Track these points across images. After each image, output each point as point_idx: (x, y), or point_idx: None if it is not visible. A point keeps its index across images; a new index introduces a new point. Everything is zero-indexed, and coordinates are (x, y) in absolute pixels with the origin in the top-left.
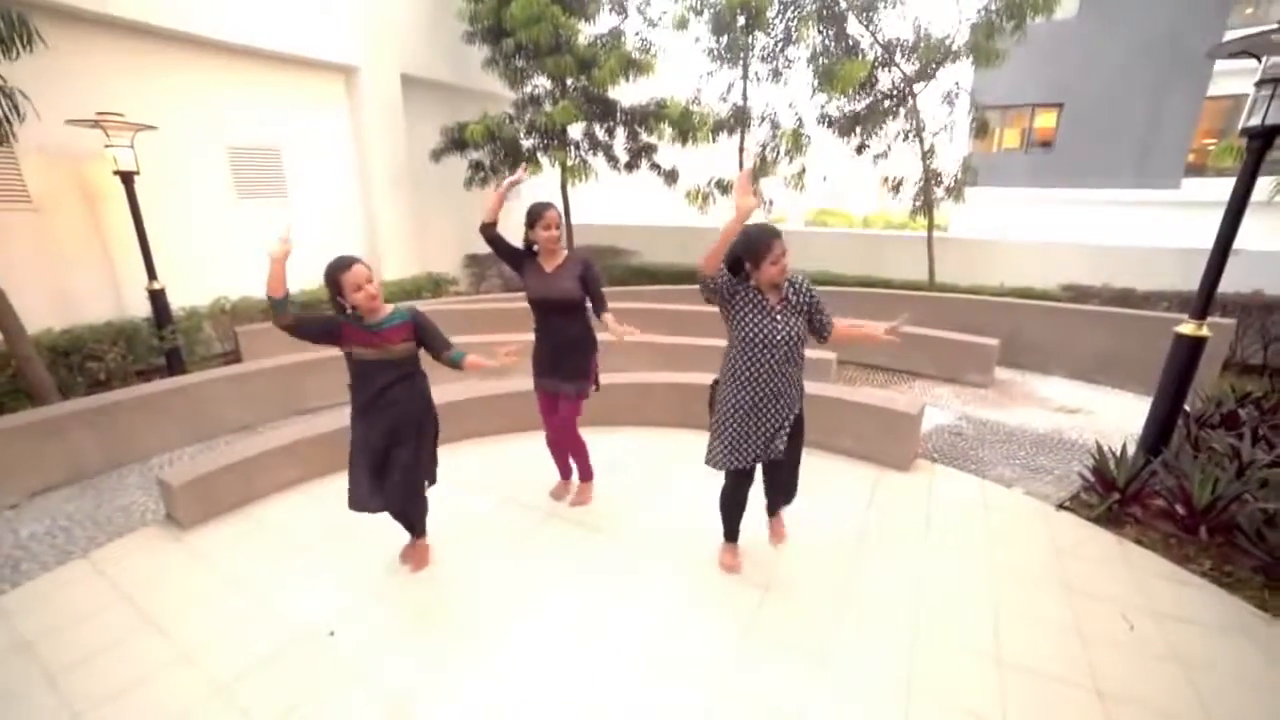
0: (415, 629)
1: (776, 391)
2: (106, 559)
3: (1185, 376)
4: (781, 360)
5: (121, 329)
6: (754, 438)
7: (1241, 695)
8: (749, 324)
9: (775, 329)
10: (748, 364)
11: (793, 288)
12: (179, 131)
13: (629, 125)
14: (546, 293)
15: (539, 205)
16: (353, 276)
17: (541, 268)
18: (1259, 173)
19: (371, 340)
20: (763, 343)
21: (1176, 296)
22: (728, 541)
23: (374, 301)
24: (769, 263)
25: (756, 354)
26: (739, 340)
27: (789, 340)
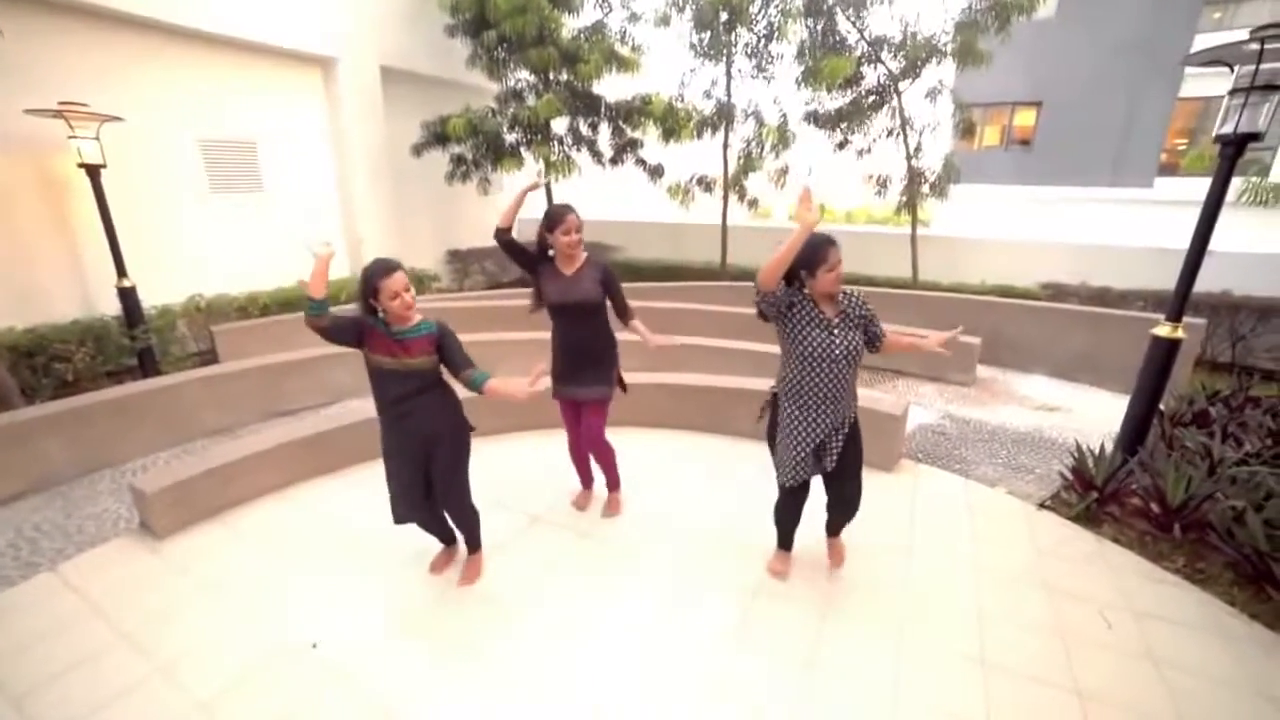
0: (402, 639)
1: (834, 404)
2: (76, 572)
3: (1161, 377)
4: (840, 373)
5: (89, 328)
6: (812, 450)
7: (1212, 694)
8: (807, 338)
9: (834, 343)
10: (807, 378)
11: (848, 300)
12: (148, 123)
13: (613, 120)
14: (566, 296)
15: (559, 208)
16: (392, 283)
17: (560, 271)
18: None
19: (392, 348)
20: (821, 357)
21: (1152, 295)
22: (780, 549)
23: (409, 311)
24: (825, 270)
25: (815, 368)
26: (798, 355)
27: (847, 355)
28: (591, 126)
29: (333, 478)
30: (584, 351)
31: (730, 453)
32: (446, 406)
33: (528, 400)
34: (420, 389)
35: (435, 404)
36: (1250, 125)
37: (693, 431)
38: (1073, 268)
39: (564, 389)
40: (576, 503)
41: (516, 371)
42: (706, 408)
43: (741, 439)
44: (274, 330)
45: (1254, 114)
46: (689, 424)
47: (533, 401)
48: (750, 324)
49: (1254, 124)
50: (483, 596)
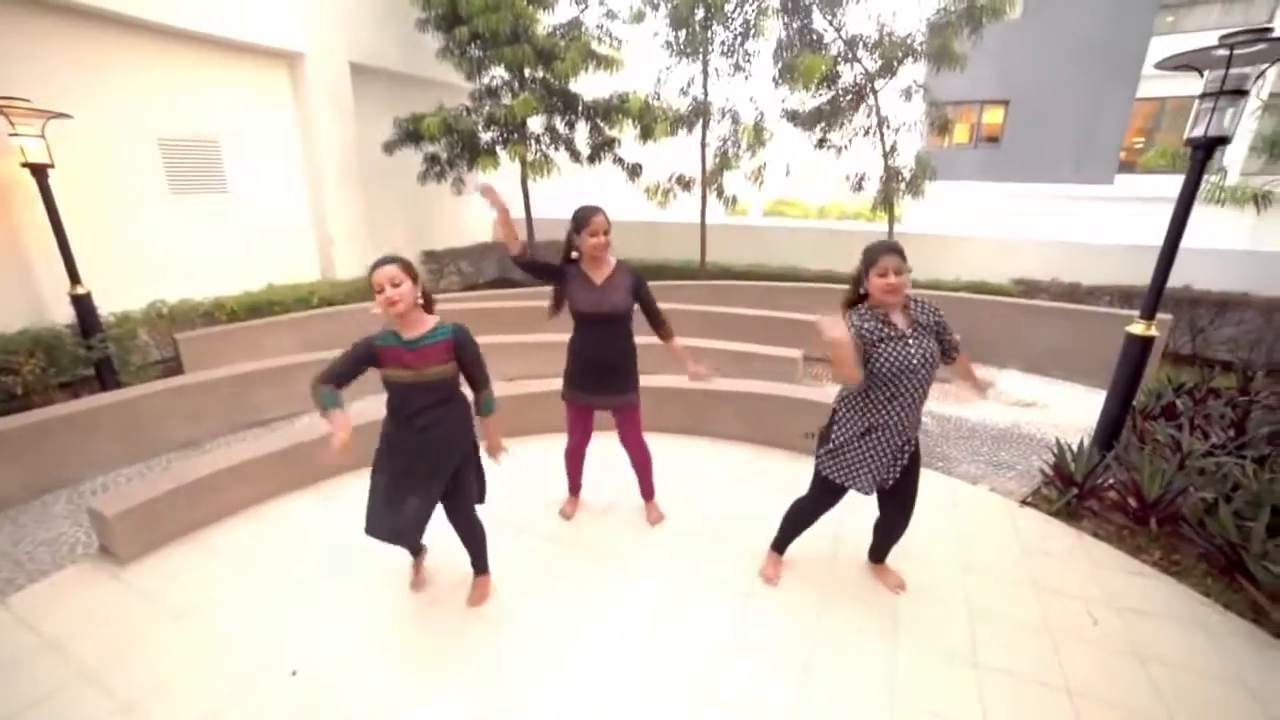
0: (386, 661)
1: (905, 422)
2: (29, 604)
3: (1135, 374)
4: (918, 387)
5: (39, 338)
6: (875, 464)
7: (1195, 687)
8: (882, 354)
9: (910, 354)
10: (881, 394)
11: (919, 307)
12: (101, 120)
13: (591, 119)
14: (598, 306)
15: (586, 209)
16: (376, 277)
17: (589, 278)
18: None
19: (405, 359)
20: (899, 371)
21: (1118, 290)
22: (774, 551)
23: (394, 307)
24: (876, 273)
25: (892, 384)
26: (873, 373)
27: (925, 364)
28: (568, 125)
29: (307, 492)
30: (610, 361)
31: (713, 455)
32: (467, 419)
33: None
34: (442, 399)
35: (457, 415)
36: (1219, 129)
37: (673, 434)
38: (1043, 264)
39: (582, 395)
40: (563, 511)
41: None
42: (687, 410)
43: (724, 441)
44: (242, 336)
45: (1223, 118)
46: (670, 426)
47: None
48: (732, 323)
49: (1223, 128)
50: (469, 613)
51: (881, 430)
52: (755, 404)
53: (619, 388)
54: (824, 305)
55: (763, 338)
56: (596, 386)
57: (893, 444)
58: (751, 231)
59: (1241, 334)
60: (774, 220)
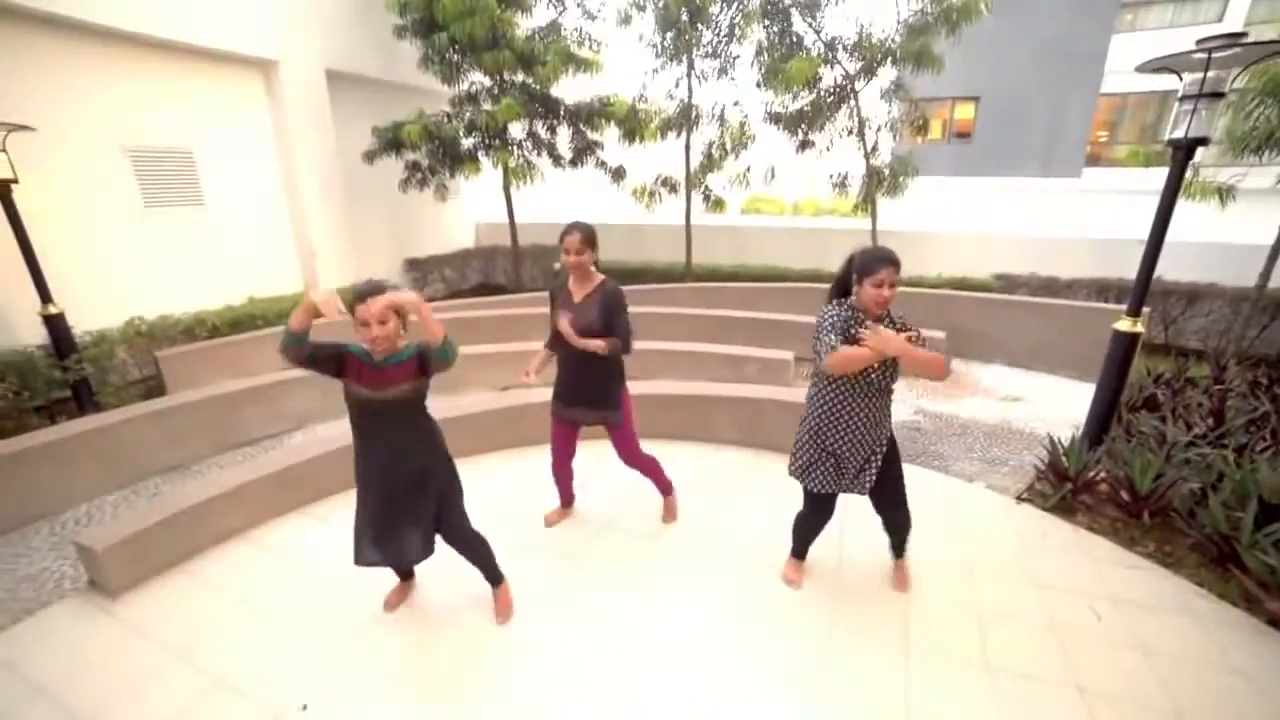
0: (398, 693)
1: (868, 424)
2: (15, 646)
3: (1123, 369)
4: (876, 394)
5: (10, 361)
6: (836, 466)
7: (1197, 676)
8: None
9: (870, 366)
10: (838, 400)
11: (893, 325)
12: (67, 133)
13: (573, 123)
14: (570, 324)
15: (565, 229)
16: (361, 310)
17: (570, 295)
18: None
19: (365, 376)
20: (857, 380)
21: (1094, 284)
22: (794, 557)
23: (378, 344)
24: (872, 284)
25: (850, 391)
26: (836, 383)
27: (883, 379)
28: (550, 129)
29: (301, 515)
30: (588, 378)
31: (712, 460)
32: (433, 436)
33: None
34: (404, 421)
35: (421, 436)
36: (1200, 130)
37: (669, 440)
38: (1021, 258)
39: (563, 410)
40: (548, 518)
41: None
42: (682, 415)
43: (722, 446)
44: (224, 353)
45: (1202, 119)
46: (665, 433)
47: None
48: (721, 326)
49: (1203, 129)
50: (476, 639)
51: (833, 429)
52: (750, 408)
53: (599, 404)
54: (811, 306)
55: (753, 340)
56: (576, 401)
57: (849, 442)
58: (734, 232)
59: (1211, 324)
60: (756, 220)
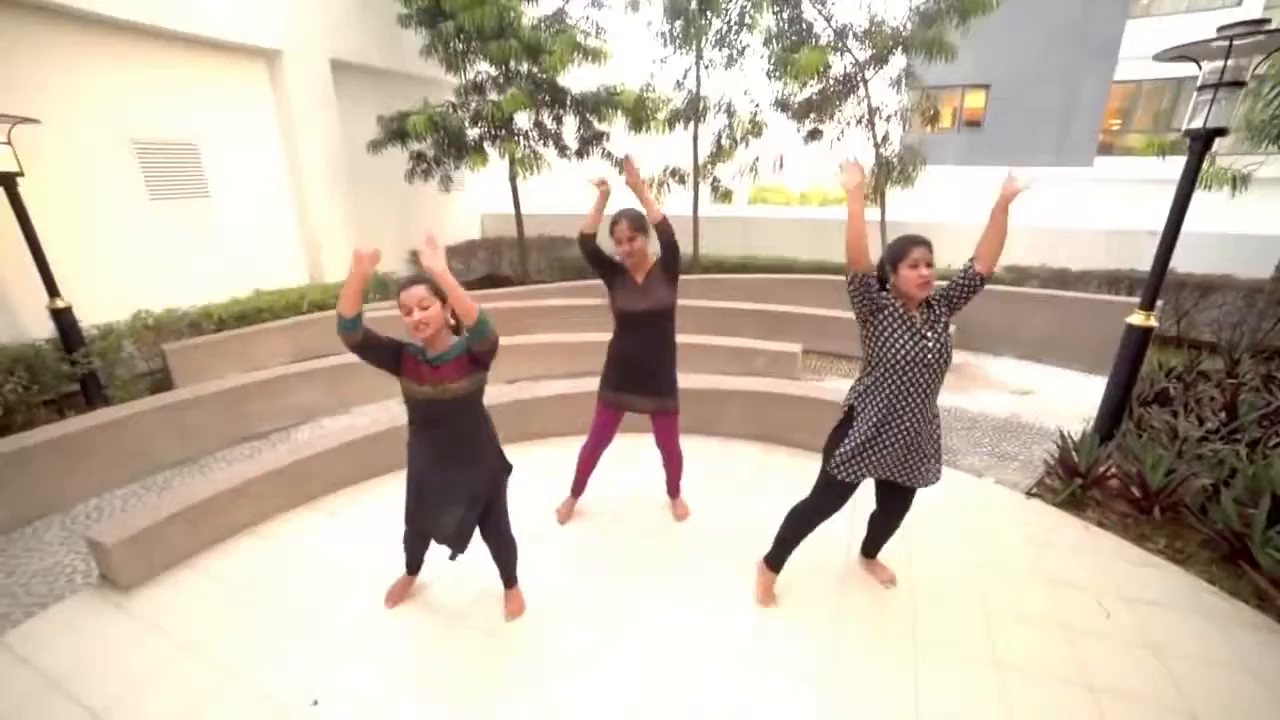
0: (408, 689)
1: (921, 408)
2: (29, 640)
3: (1135, 363)
4: (933, 380)
5: (19, 355)
6: (891, 455)
7: (1209, 675)
8: (896, 343)
9: (926, 347)
10: (896, 386)
11: (931, 305)
12: (72, 125)
13: (580, 113)
14: (632, 305)
15: (613, 216)
16: (405, 297)
17: (631, 278)
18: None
19: (423, 374)
20: (913, 363)
21: (1106, 275)
22: (769, 569)
23: (423, 331)
24: (907, 266)
25: (907, 375)
26: (885, 361)
27: (940, 358)
28: (557, 119)
29: (309, 509)
30: (648, 363)
31: (721, 454)
32: (489, 432)
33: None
34: (461, 419)
35: (478, 432)
36: (1219, 120)
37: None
38: (1031, 249)
39: (616, 395)
40: (559, 513)
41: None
42: (691, 409)
43: (730, 439)
44: (231, 346)
45: (1222, 109)
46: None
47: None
48: (730, 319)
49: (1222, 119)
50: (487, 635)
51: (897, 420)
52: (759, 403)
53: (657, 390)
54: (819, 298)
55: (760, 332)
56: (634, 388)
57: (908, 434)
58: (741, 223)
59: (1224, 316)
60: (763, 210)
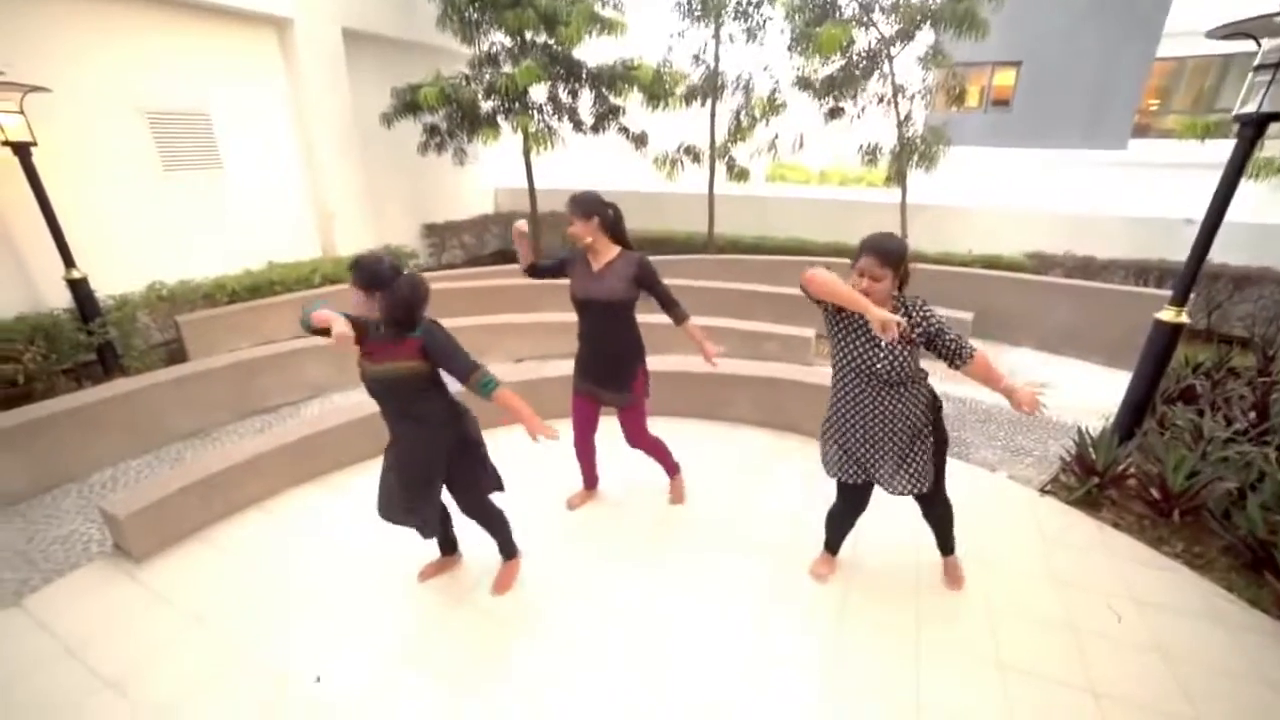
0: (410, 668)
1: (882, 419)
2: (46, 606)
3: (1162, 361)
4: (884, 389)
5: (38, 324)
6: (858, 459)
7: (1223, 687)
8: (849, 349)
9: (877, 358)
10: (847, 390)
11: (905, 311)
12: (83, 94)
13: (595, 87)
14: (587, 293)
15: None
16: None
17: (588, 265)
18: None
19: (369, 348)
20: (860, 372)
21: (1133, 265)
22: (826, 551)
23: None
24: (854, 272)
25: (854, 381)
26: (838, 365)
27: (890, 371)
28: (572, 93)
29: (316, 485)
30: (604, 353)
31: (730, 441)
32: (450, 414)
33: (538, 435)
34: (415, 397)
35: (438, 412)
36: (1276, 104)
37: (687, 419)
38: (1056, 236)
39: (584, 385)
40: (570, 502)
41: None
42: (700, 394)
43: (740, 425)
44: (244, 319)
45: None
46: (683, 411)
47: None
48: (741, 300)
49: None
50: (492, 617)
51: (849, 423)
52: (770, 389)
53: (615, 384)
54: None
55: (773, 315)
56: (595, 377)
57: (862, 439)
58: (757, 202)
59: (1259, 310)
60: (780, 189)
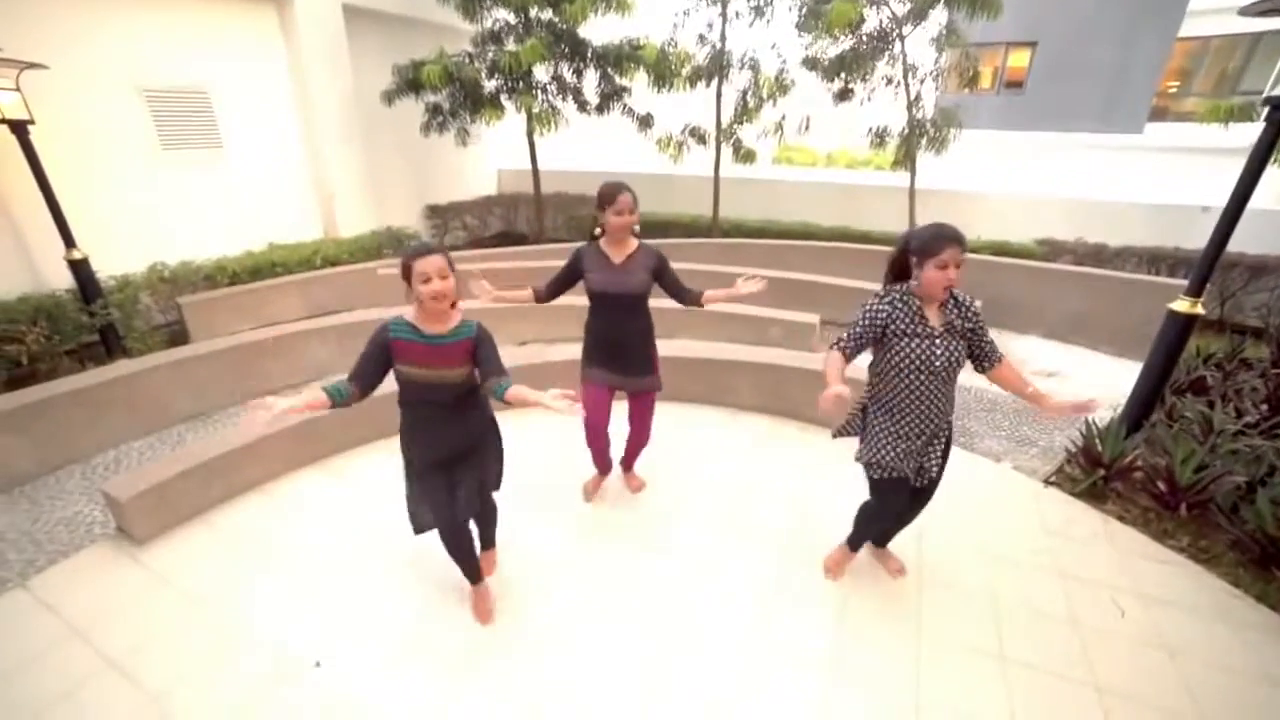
0: (409, 655)
1: (932, 417)
2: (50, 587)
3: (1174, 352)
4: (941, 384)
5: (40, 305)
6: (915, 453)
7: (1226, 683)
8: (904, 348)
9: (934, 354)
10: (902, 391)
11: (958, 309)
12: (80, 72)
13: (600, 66)
14: (610, 286)
15: (612, 186)
16: (423, 265)
17: (607, 257)
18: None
19: (423, 357)
20: (919, 368)
21: (1146, 253)
22: (847, 545)
23: (440, 302)
24: (935, 265)
25: (911, 380)
26: (893, 366)
27: (948, 366)
28: (576, 73)
29: (316, 469)
30: (627, 343)
31: (731, 427)
32: (484, 419)
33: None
34: (457, 401)
35: (472, 419)
36: None
37: (688, 404)
38: (1068, 222)
39: (602, 374)
40: (586, 489)
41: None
42: (701, 379)
43: (742, 411)
44: (245, 300)
45: None
46: (684, 396)
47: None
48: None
49: None
50: (510, 604)
51: (910, 421)
52: (771, 375)
53: (637, 371)
54: (839, 266)
55: (778, 301)
56: (615, 368)
57: (922, 438)
58: (763, 185)
59: (1275, 300)
60: (786, 173)
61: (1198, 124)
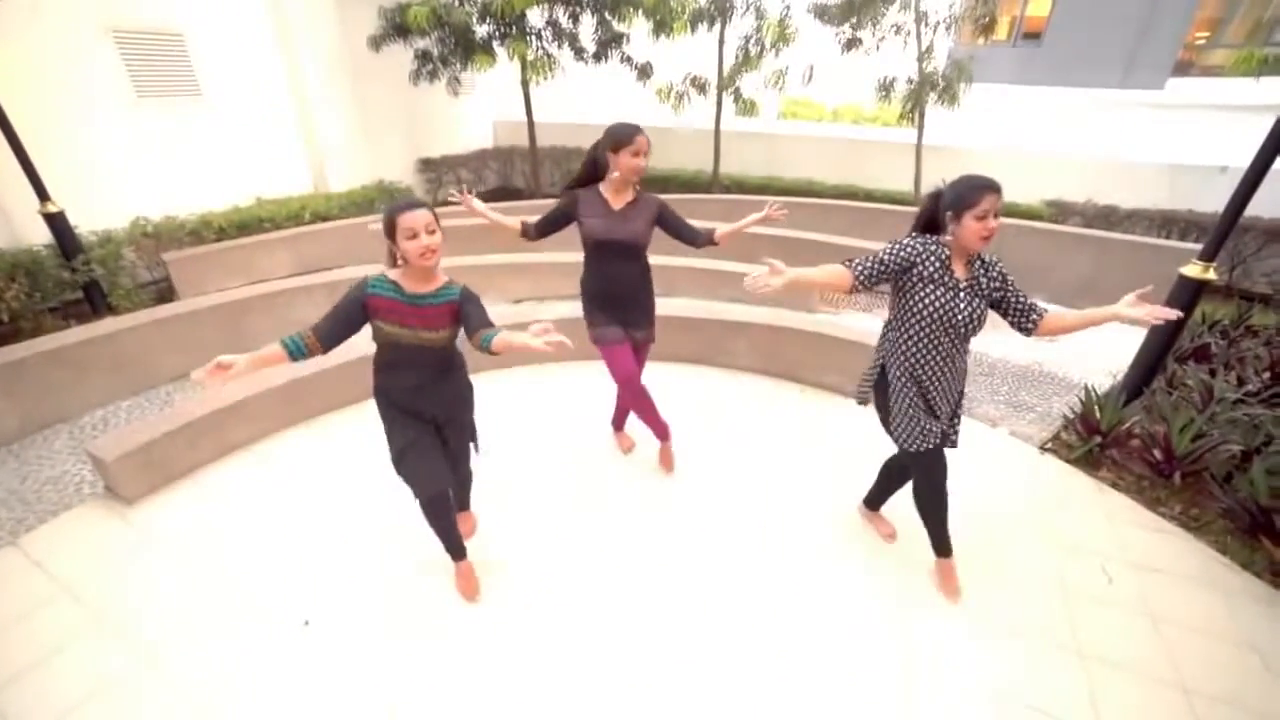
0: (397, 614)
1: (954, 383)
2: (41, 544)
3: (1181, 319)
4: (958, 340)
5: (17, 261)
6: (944, 416)
7: (1207, 649)
8: (929, 295)
9: (958, 309)
10: (922, 347)
11: (985, 269)
12: (43, 8)
13: (598, 11)
14: (611, 234)
15: (627, 127)
16: (409, 220)
17: (607, 203)
18: None
19: (406, 318)
20: (941, 321)
21: (1159, 216)
22: (942, 557)
23: (427, 258)
24: (974, 215)
25: (933, 335)
26: (915, 316)
27: (969, 323)
28: (572, 18)
29: (303, 429)
30: (630, 294)
31: (728, 388)
32: (463, 382)
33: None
34: (440, 365)
35: (453, 382)
36: None
37: (686, 364)
38: (1079, 183)
39: (615, 330)
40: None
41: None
42: (699, 339)
43: (741, 373)
44: (231, 256)
45: None
46: (682, 356)
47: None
48: (746, 243)
49: None
50: (482, 565)
51: (930, 381)
52: (770, 336)
53: (638, 322)
54: (842, 225)
55: (779, 258)
56: (625, 319)
57: (947, 392)
58: (766, 139)
59: None
60: (789, 127)
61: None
